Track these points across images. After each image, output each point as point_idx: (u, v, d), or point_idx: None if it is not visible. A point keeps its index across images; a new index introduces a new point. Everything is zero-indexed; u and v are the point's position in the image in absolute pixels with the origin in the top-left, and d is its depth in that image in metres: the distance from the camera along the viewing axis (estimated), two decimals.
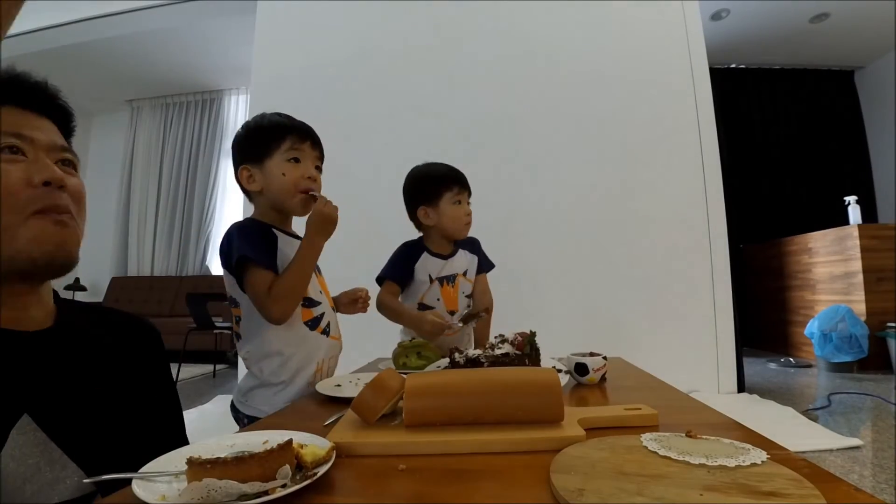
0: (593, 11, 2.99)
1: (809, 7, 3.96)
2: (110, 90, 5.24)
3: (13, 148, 0.55)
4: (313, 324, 1.01)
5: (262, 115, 1.06)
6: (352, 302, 1.18)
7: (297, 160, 1.00)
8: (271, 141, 0.99)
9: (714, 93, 2.90)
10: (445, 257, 1.37)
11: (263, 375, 0.97)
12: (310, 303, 1.01)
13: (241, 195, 1.08)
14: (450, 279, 1.36)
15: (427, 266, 1.34)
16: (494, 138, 2.94)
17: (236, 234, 0.95)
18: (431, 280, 1.33)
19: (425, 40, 3.07)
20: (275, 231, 1.00)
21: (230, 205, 5.31)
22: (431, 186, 1.33)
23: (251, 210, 1.06)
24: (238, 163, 1.03)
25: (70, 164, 0.61)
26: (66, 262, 0.56)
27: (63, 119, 0.64)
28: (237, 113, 5.42)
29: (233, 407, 1.01)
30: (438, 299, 1.34)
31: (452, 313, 1.36)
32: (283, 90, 3.02)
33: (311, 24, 3.19)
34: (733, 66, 5.00)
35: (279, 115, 1.06)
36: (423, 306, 1.33)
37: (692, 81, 2.90)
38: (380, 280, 1.34)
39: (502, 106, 2.97)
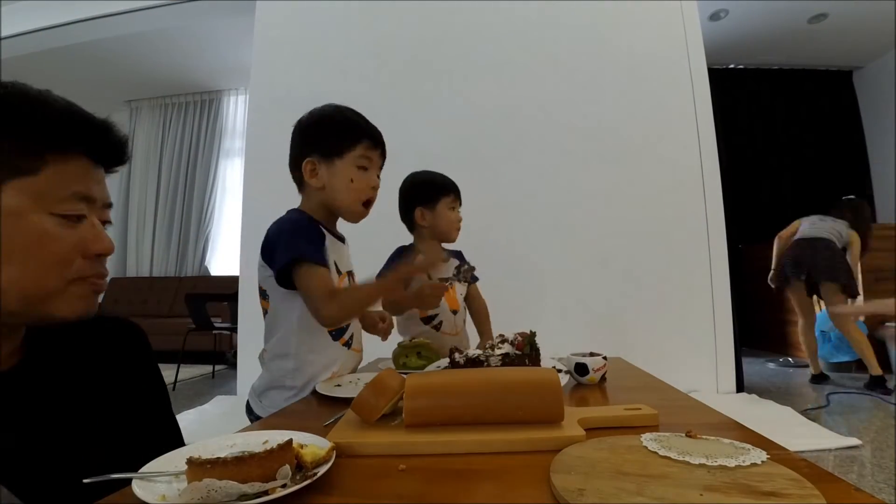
0: (592, 12, 3.00)
1: (808, 7, 3.96)
2: (109, 90, 5.23)
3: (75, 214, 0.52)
4: (337, 334, 0.99)
5: (337, 109, 1.04)
6: (373, 325, 1.19)
7: (365, 168, 0.99)
8: (345, 141, 0.98)
9: (712, 93, 2.90)
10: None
11: (276, 376, 0.95)
12: None
13: (240, 196, 1.08)
14: (448, 281, 1.38)
15: None
16: (494, 138, 2.94)
17: (290, 229, 0.94)
18: (430, 278, 1.35)
19: (425, 40, 3.07)
20: (322, 229, 0.98)
21: (229, 205, 5.30)
22: (431, 190, 1.40)
23: (250, 210, 1.06)
24: (302, 152, 0.99)
25: (108, 223, 0.59)
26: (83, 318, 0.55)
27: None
28: (236, 113, 5.41)
29: (248, 406, 1.00)
30: (441, 299, 1.37)
31: (455, 312, 1.40)
32: (282, 90, 3.02)
33: (310, 24, 3.19)
34: (732, 66, 5.00)
35: (353, 112, 1.04)
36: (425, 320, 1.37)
37: (691, 82, 2.90)
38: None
39: (502, 106, 2.97)
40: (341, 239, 1.06)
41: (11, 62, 4.28)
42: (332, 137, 0.99)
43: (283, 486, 0.41)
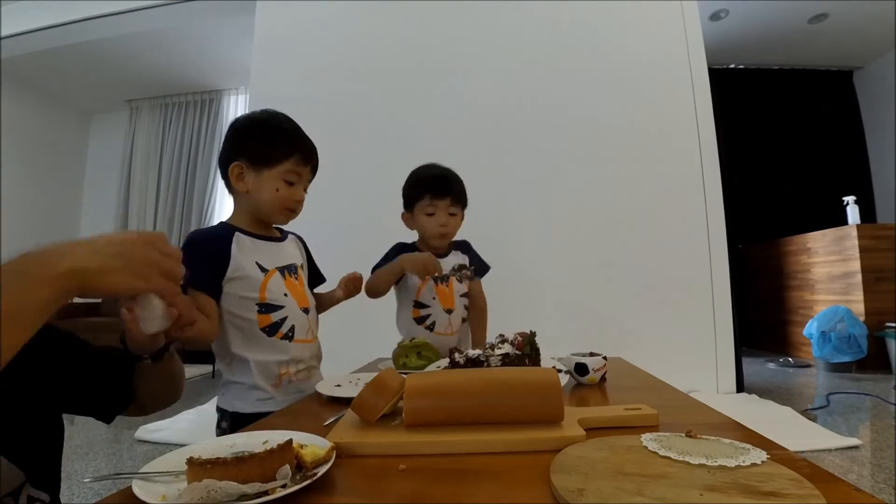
0: (592, 12, 3.00)
1: (808, 7, 3.96)
2: (109, 90, 5.23)
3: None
4: (272, 329, 0.98)
5: (273, 116, 1.03)
6: (343, 286, 1.21)
7: (292, 183, 0.99)
8: (276, 153, 0.98)
9: (713, 93, 2.90)
10: (437, 257, 1.37)
11: (229, 373, 0.98)
12: (267, 308, 0.97)
13: None
14: (443, 278, 1.36)
15: None
16: (494, 138, 2.94)
17: (189, 250, 0.89)
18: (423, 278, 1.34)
19: (424, 40, 3.07)
20: (238, 234, 0.98)
21: (229, 205, 5.29)
22: (409, 193, 1.36)
23: None
24: (231, 155, 0.99)
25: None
26: None
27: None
28: (236, 113, 5.41)
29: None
30: (434, 298, 1.35)
31: (449, 311, 1.36)
32: (282, 90, 3.02)
33: (310, 24, 3.19)
34: (732, 66, 5.00)
35: (290, 122, 1.03)
36: (418, 304, 1.34)
37: (691, 82, 2.90)
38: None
39: (502, 106, 2.97)
40: (268, 239, 1.04)
41: (11, 62, 4.28)
42: (263, 146, 0.98)
43: (283, 486, 0.42)
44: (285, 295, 1.01)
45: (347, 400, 0.68)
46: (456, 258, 1.41)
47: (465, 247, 1.47)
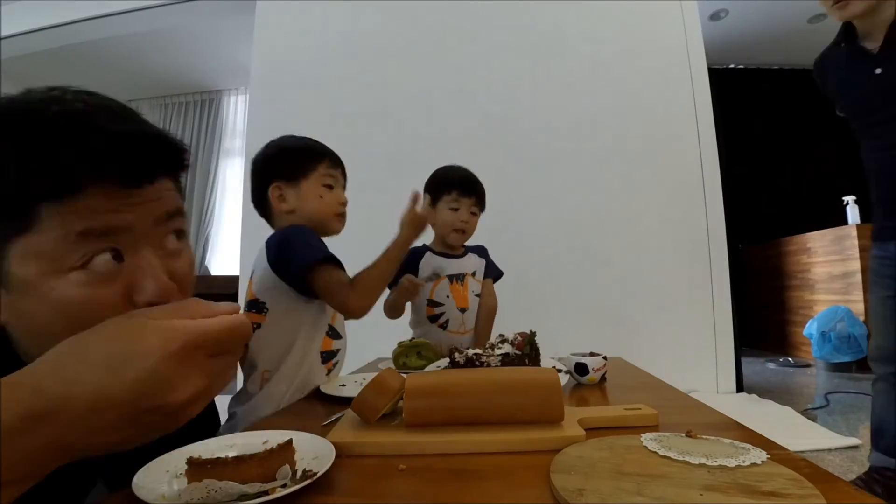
0: (591, 11, 2.99)
1: (808, 7, 3.96)
2: (109, 90, 5.05)
3: (112, 251, 0.40)
4: (327, 357, 0.98)
5: (293, 137, 1.06)
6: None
7: (330, 186, 1.02)
8: (308, 162, 1.00)
9: (713, 93, 2.90)
10: (452, 256, 1.41)
11: (252, 388, 0.92)
12: (334, 333, 1.00)
13: (240, 196, 1.08)
14: (459, 277, 1.39)
15: (430, 263, 1.38)
16: (493, 138, 2.94)
17: (304, 237, 0.94)
18: (440, 276, 1.36)
19: (425, 40, 3.07)
20: None
21: (229, 205, 5.31)
22: (433, 189, 1.39)
23: (250, 210, 1.06)
24: (267, 180, 1.00)
25: (181, 232, 0.47)
26: None
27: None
28: (236, 113, 5.41)
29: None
30: (448, 296, 1.37)
31: (463, 310, 1.39)
32: (282, 90, 3.02)
33: (310, 23, 3.19)
34: (732, 66, 5.00)
35: (310, 139, 1.07)
36: (432, 302, 1.36)
37: (691, 82, 2.90)
38: None
39: (501, 105, 2.97)
40: None
41: (11, 62, 4.28)
42: (294, 161, 1.01)
43: (283, 486, 0.42)
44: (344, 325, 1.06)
45: (347, 400, 0.68)
46: (472, 259, 1.44)
47: (481, 251, 1.50)
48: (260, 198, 1.02)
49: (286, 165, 1.01)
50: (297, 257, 0.91)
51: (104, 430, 0.29)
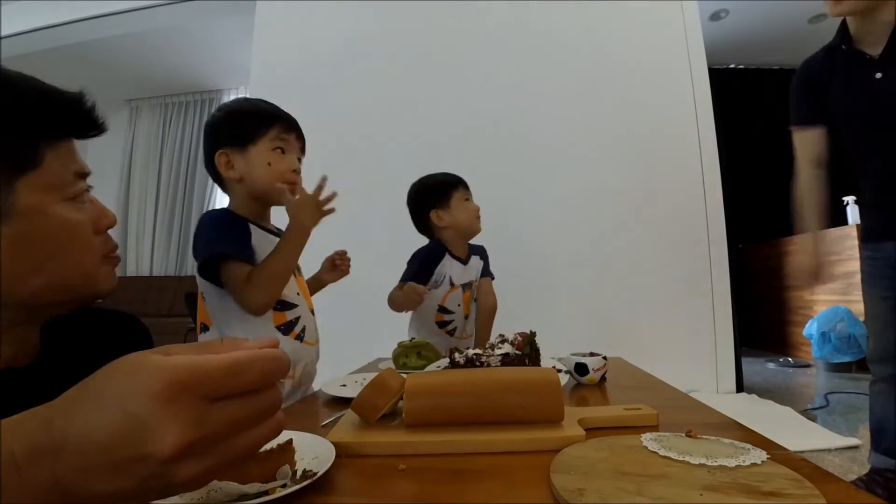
0: (591, 12, 2.99)
1: (808, 7, 3.96)
2: (109, 90, 5.23)
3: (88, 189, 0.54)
4: (286, 328, 0.94)
5: (246, 99, 1.02)
6: (331, 266, 1.16)
7: (282, 150, 0.95)
8: (257, 127, 0.94)
9: (713, 93, 2.90)
10: (464, 262, 1.41)
11: None
12: (283, 305, 0.95)
13: None
14: (468, 286, 1.40)
15: (449, 268, 1.38)
16: (492, 138, 2.94)
17: (211, 226, 0.90)
18: (453, 284, 1.36)
19: (425, 40, 3.07)
20: (251, 226, 0.94)
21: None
22: (440, 190, 1.39)
23: None
24: (213, 146, 0.95)
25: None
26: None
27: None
28: None
29: None
30: (459, 304, 1.38)
31: (466, 317, 1.41)
32: (281, 90, 3.02)
33: (310, 23, 3.19)
34: (732, 66, 5.00)
35: (263, 101, 1.00)
36: (443, 309, 1.36)
37: (691, 82, 2.90)
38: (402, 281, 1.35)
39: (502, 106, 2.97)
40: (276, 233, 1.00)
41: (11, 62, 4.25)
42: (243, 126, 0.94)
43: (283, 486, 0.42)
44: (297, 293, 0.99)
45: (347, 400, 0.68)
46: (476, 263, 1.45)
47: (482, 251, 1.51)
48: (208, 164, 0.97)
49: (234, 131, 0.94)
50: (201, 248, 0.88)
51: (95, 475, 0.27)
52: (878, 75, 1.28)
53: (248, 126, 0.94)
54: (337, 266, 1.17)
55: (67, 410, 0.28)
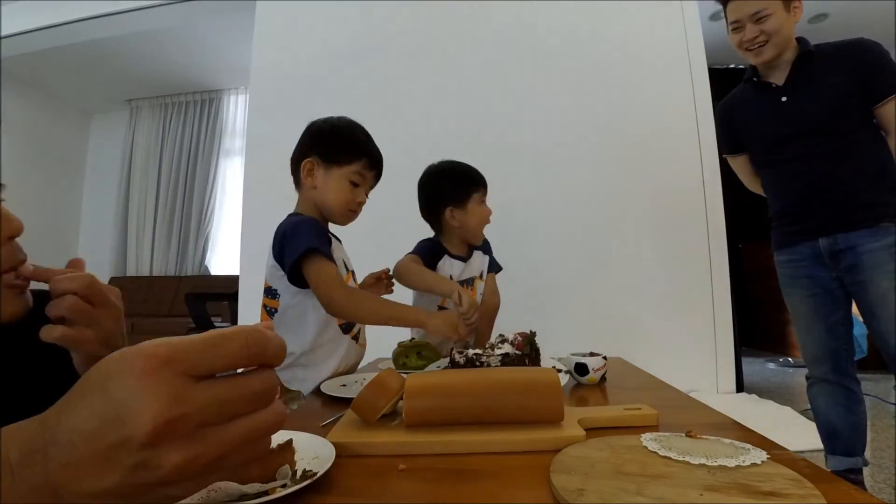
0: (591, 11, 2.99)
1: (808, 7, 3.93)
2: (109, 90, 5.23)
3: None
4: (347, 328, 1.06)
5: (349, 124, 1.10)
6: (374, 282, 1.24)
7: (357, 185, 1.06)
8: (347, 154, 1.05)
9: (713, 93, 2.90)
10: (465, 259, 1.39)
11: (287, 373, 1.00)
12: None
13: (240, 196, 1.09)
14: (469, 282, 1.38)
15: (448, 267, 1.36)
16: (492, 138, 2.94)
17: (302, 227, 1.00)
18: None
19: (424, 40, 3.07)
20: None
21: (229, 205, 5.30)
22: (463, 186, 1.33)
23: (250, 209, 1.08)
24: (306, 151, 1.06)
25: None
26: None
27: None
28: (236, 113, 5.41)
29: None
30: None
31: None
32: (282, 90, 3.02)
33: (310, 23, 3.19)
34: (732, 66, 5.00)
35: (363, 132, 1.10)
36: (442, 308, 1.34)
37: (691, 82, 2.90)
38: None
39: (502, 105, 2.97)
40: (335, 237, 1.12)
41: (11, 62, 4.28)
42: (336, 146, 1.06)
43: (283, 486, 0.41)
44: None
45: (347, 400, 0.68)
46: (478, 259, 1.44)
47: (486, 246, 1.49)
48: (295, 164, 1.08)
49: (326, 147, 1.05)
50: (291, 247, 0.96)
51: (83, 470, 0.25)
52: (784, 99, 1.48)
53: (339, 149, 1.05)
54: (381, 281, 1.24)
55: (60, 407, 0.28)
